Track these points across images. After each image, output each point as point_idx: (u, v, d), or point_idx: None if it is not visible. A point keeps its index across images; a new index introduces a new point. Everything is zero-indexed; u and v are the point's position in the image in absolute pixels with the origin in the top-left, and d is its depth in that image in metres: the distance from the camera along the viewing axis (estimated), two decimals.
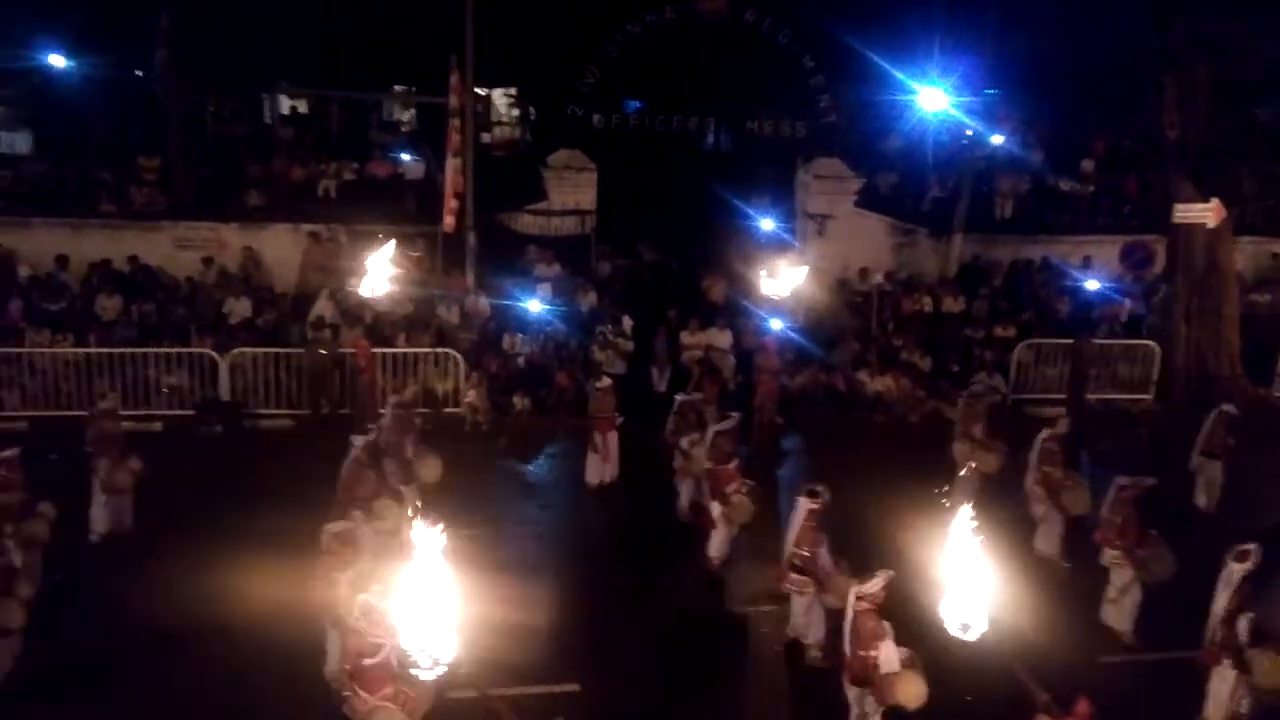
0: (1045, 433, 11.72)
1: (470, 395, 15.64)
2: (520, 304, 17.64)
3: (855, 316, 19.22)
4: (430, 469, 11.53)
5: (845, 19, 19.93)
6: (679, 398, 12.99)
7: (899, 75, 19.92)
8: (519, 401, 15.99)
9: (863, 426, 16.52)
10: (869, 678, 7.65)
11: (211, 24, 18.43)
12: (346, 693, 7.18)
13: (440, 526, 5.55)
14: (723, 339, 17.54)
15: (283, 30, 19.81)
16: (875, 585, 7.71)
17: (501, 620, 9.03)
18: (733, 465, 11.22)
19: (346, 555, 8.26)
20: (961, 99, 19.91)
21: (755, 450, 14.28)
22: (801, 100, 22.47)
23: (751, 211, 20.51)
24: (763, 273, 15.26)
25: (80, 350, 15.29)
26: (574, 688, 8.96)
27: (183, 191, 18.76)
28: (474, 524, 11.54)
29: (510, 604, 9.24)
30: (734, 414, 12.09)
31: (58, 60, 19.35)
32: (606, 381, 13.77)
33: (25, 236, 17.59)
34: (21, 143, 21.17)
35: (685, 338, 17.51)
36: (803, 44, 21.80)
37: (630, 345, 17.27)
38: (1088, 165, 22.44)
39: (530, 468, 14.60)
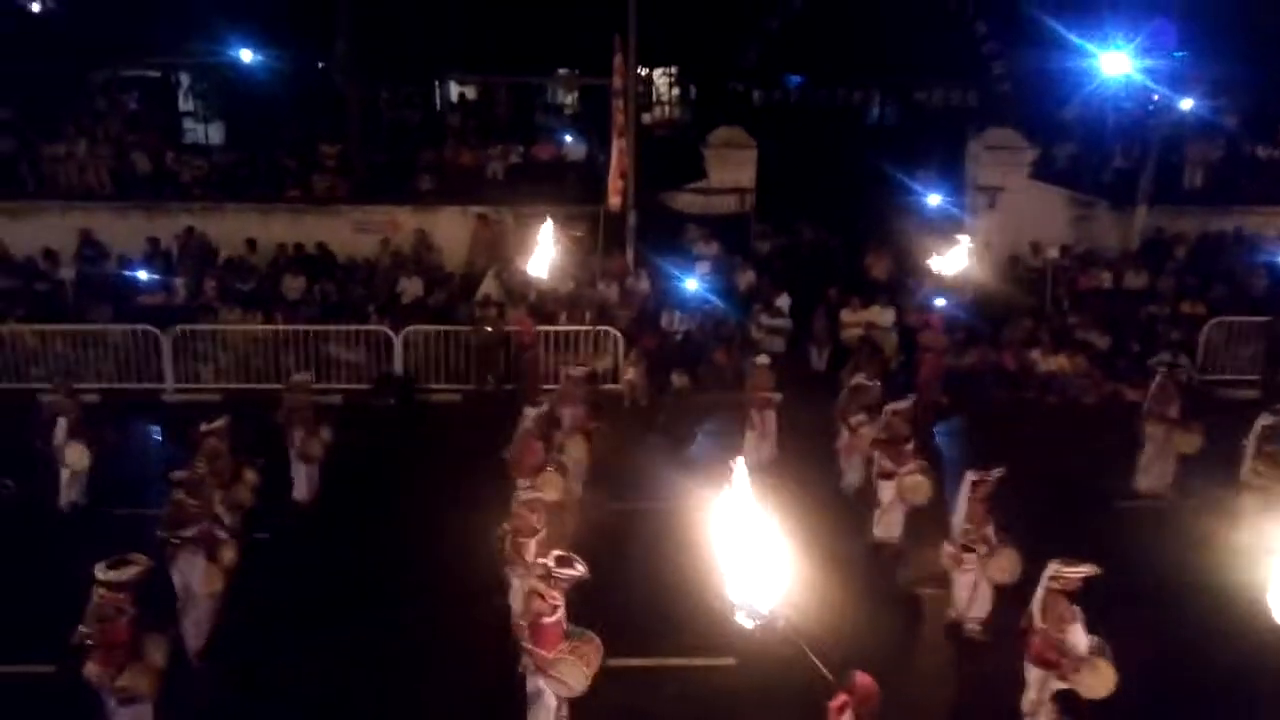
0: (1266, 418, 11.00)
1: (629, 372, 15.82)
2: (679, 282, 17.71)
3: (1028, 293, 18.40)
4: (577, 447, 11.68)
5: None
6: (858, 379, 12.75)
7: (1077, 39, 18.88)
8: (677, 379, 16.04)
9: (1034, 408, 15.82)
10: (1055, 661, 7.54)
11: (386, 16, 19.21)
12: (527, 648, 7.56)
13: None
14: (885, 317, 17.13)
15: (452, 19, 20.47)
16: (1075, 569, 7.58)
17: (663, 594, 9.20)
18: (908, 445, 11.10)
19: (534, 521, 8.75)
20: (1147, 62, 18.70)
21: (919, 430, 13.88)
22: (973, 69, 21.63)
23: (918, 186, 19.91)
24: (929, 249, 14.81)
25: (268, 327, 16.23)
26: (730, 661, 8.98)
27: (360, 177, 19.65)
28: (634, 500, 11.77)
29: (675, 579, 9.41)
30: (910, 395, 11.95)
31: (247, 55, 20.56)
32: (765, 359, 13.67)
33: (218, 221, 18.81)
34: (215, 134, 22.67)
35: (846, 316, 17.19)
36: (974, 9, 20.95)
37: (788, 324, 17.07)
38: None
39: (688, 445, 14.64)
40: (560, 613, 7.50)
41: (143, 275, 17.36)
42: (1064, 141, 21.09)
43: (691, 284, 17.58)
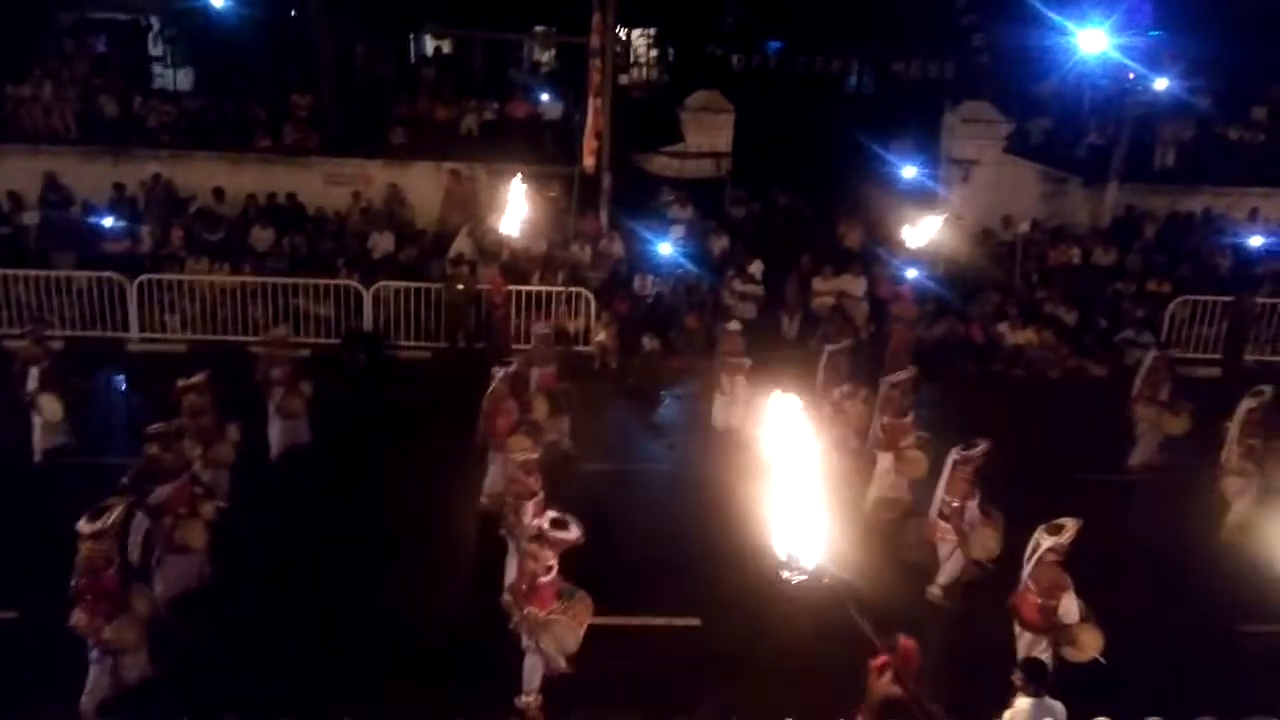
0: (1249, 401, 11.18)
1: (600, 334, 15.83)
2: (652, 245, 17.68)
3: (997, 267, 18.55)
4: (540, 405, 11.67)
5: None
6: (828, 348, 12.82)
7: (1056, 15, 18.89)
8: (648, 342, 16.06)
9: (1000, 381, 16.03)
10: (1048, 625, 7.77)
11: None
12: (518, 608, 7.73)
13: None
14: (856, 286, 17.22)
15: None
16: (1066, 536, 7.76)
17: (627, 554, 9.27)
18: (908, 418, 11.15)
19: (531, 484, 8.84)
20: (1123, 40, 18.76)
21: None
22: (951, 41, 21.61)
23: (892, 157, 19.95)
24: (902, 219, 14.87)
25: (235, 279, 16.05)
26: (695, 622, 9.10)
27: (332, 129, 19.36)
28: (604, 461, 11.82)
29: (639, 540, 9.48)
30: (911, 367, 12.05)
31: (218, 0, 20.11)
32: (736, 325, 13.74)
33: (186, 169, 18.48)
34: (184, 80, 22.19)
35: (818, 284, 17.27)
36: None
37: (760, 290, 17.12)
38: (1259, 112, 20.90)
39: (657, 408, 14.72)
40: (553, 573, 7.65)
41: (108, 222, 17.08)
42: (1039, 117, 21.14)
43: (665, 248, 17.58)
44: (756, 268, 17.42)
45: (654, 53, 27.71)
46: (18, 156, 18.06)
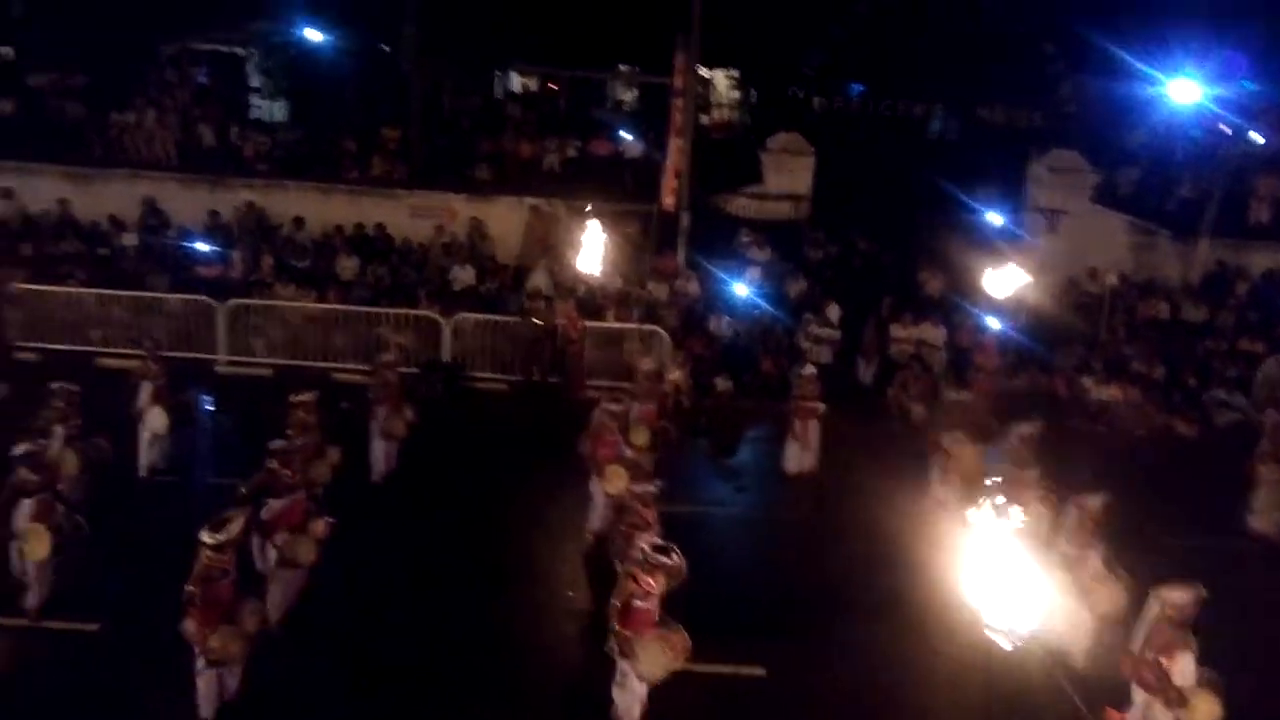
0: None
1: (674, 374, 15.79)
2: (728, 286, 17.67)
3: (1083, 319, 18.15)
4: (639, 435, 11.62)
5: (1090, 2, 18.78)
6: (950, 395, 12.60)
7: (1147, 65, 18.58)
8: (721, 383, 15.99)
9: (1083, 436, 15.61)
10: (1154, 685, 7.47)
11: (454, 3, 19.34)
12: (614, 627, 7.71)
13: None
14: (936, 334, 16.98)
15: (518, 10, 20.55)
16: (1184, 597, 7.47)
17: (691, 598, 9.18)
18: (1033, 472, 10.82)
19: (648, 516, 8.89)
20: (1216, 91, 18.36)
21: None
22: (1039, 88, 21.38)
23: (976, 204, 19.71)
24: (985, 268, 14.66)
25: (320, 306, 16.42)
26: (760, 671, 8.97)
27: (419, 162, 19.81)
28: (672, 503, 11.75)
29: (704, 584, 9.39)
30: (1037, 419, 11.75)
31: (314, 35, 20.79)
32: (811, 369, 13.62)
33: (279, 198, 19.06)
34: (279, 111, 22.93)
35: (896, 330, 17.06)
36: (1043, 29, 20.69)
37: (837, 334, 16.99)
38: None
39: (728, 450, 14.62)
40: (653, 600, 7.66)
41: (202, 247, 17.65)
42: (1128, 167, 20.77)
43: (741, 289, 17.54)
44: (833, 312, 17.29)
45: (735, 94, 27.86)
46: (120, 181, 18.81)
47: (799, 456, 13.34)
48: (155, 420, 11.86)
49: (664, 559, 7.67)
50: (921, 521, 12.05)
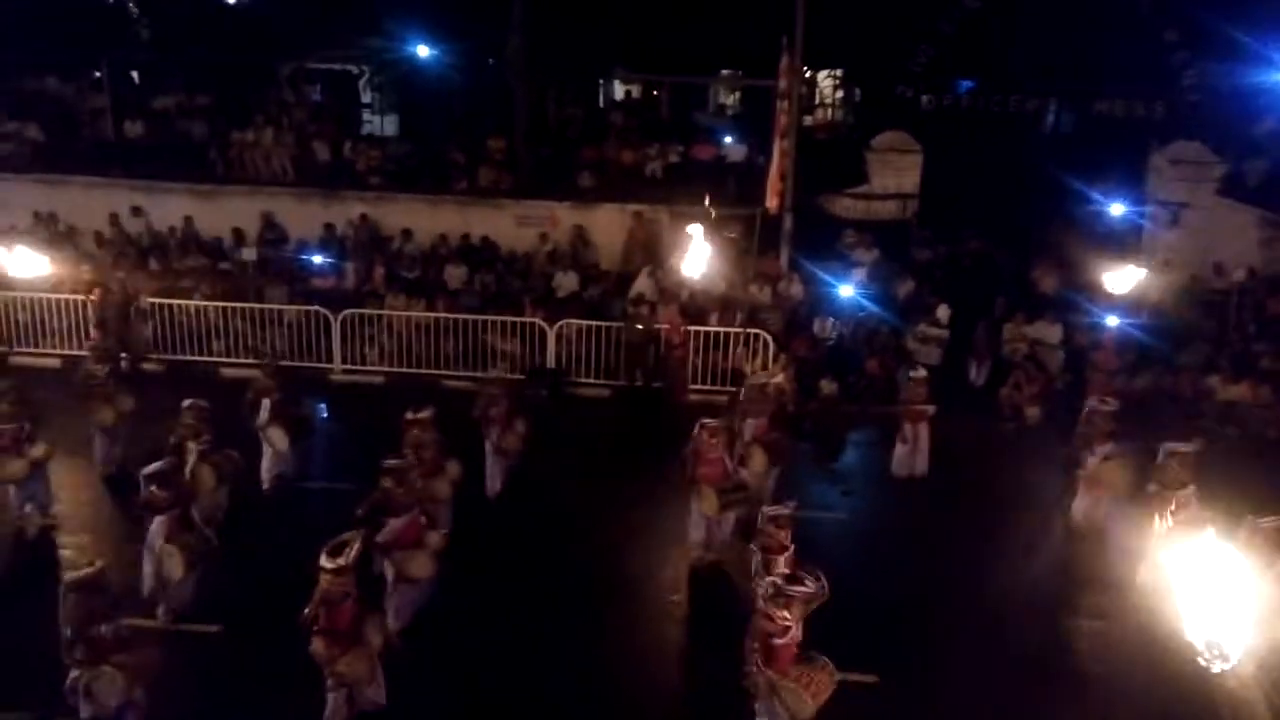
0: None
1: (778, 377, 15.63)
2: (833, 288, 17.42)
3: (1208, 316, 17.32)
4: (757, 459, 11.52)
5: None
6: (1092, 403, 11.91)
7: (1275, 50, 17.66)
8: (826, 386, 15.77)
9: (1210, 439, 14.84)
10: None
11: (558, 13, 19.57)
12: (751, 668, 7.53)
13: None
14: (1052, 334, 16.43)
15: (620, 18, 20.67)
16: None
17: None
18: (1187, 490, 10.45)
19: (782, 538, 8.67)
20: None
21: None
22: (1160, 78, 20.50)
23: (1093, 198, 19.02)
24: (1103, 265, 14.13)
25: (429, 315, 16.80)
26: (872, 679, 8.80)
27: (524, 172, 20.10)
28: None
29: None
30: (1197, 438, 11.26)
31: (423, 51, 21.30)
32: (921, 371, 13.34)
33: (390, 210, 19.56)
34: (390, 125, 23.60)
35: (1009, 330, 16.56)
36: (1165, 16, 19.84)
37: (946, 335, 16.58)
38: None
39: (833, 454, 14.40)
40: (792, 633, 7.36)
41: (317, 259, 18.25)
42: (1256, 158, 19.71)
43: (846, 290, 17.28)
44: (943, 312, 16.89)
45: (839, 93, 27.51)
46: (239, 197, 19.59)
47: (909, 460, 13.07)
48: (276, 437, 12.11)
49: (796, 590, 7.34)
50: (1041, 527, 11.70)
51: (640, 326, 16.14)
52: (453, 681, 8.83)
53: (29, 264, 15.11)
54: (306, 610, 7.69)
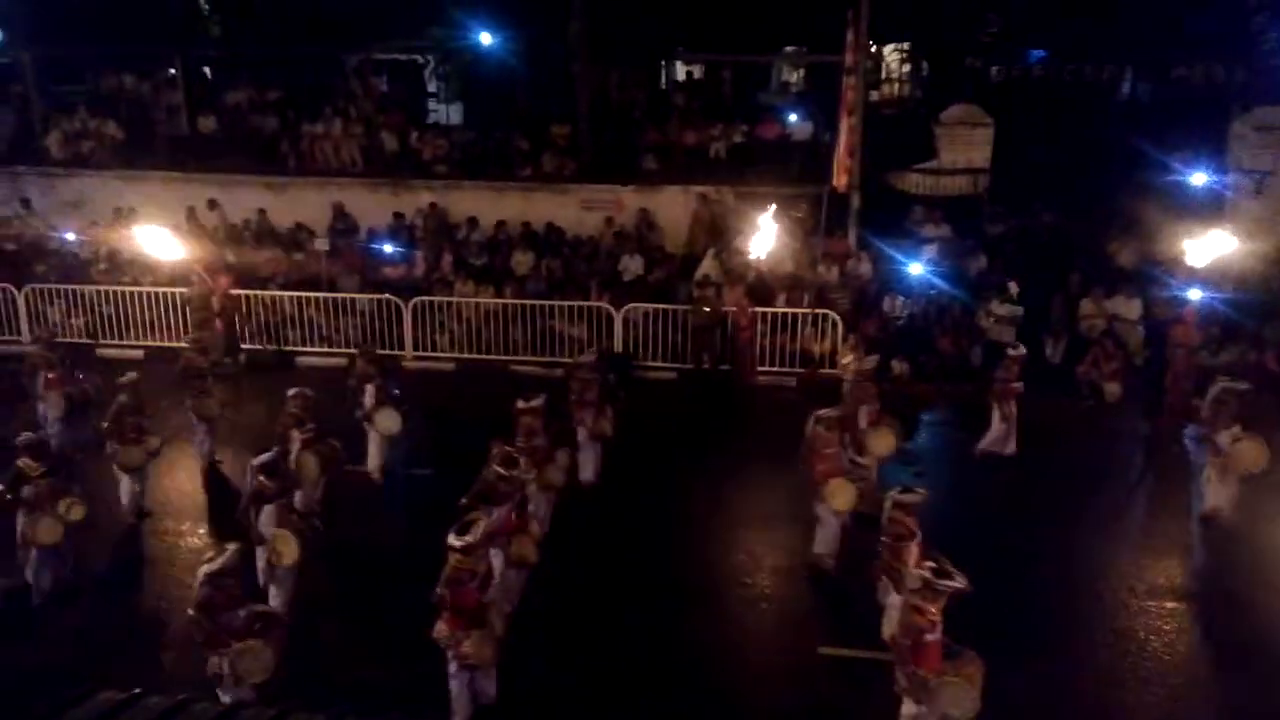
0: None
1: (847, 357, 15.47)
2: (903, 266, 17.17)
3: None
4: (883, 440, 11.35)
5: None
6: (1222, 384, 11.40)
7: None
8: (897, 365, 15.59)
9: None
10: None
11: None
12: (903, 667, 7.31)
13: None
14: (1130, 309, 16.00)
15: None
16: None
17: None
18: None
19: (911, 524, 8.51)
20: None
21: (1164, 435, 12.96)
22: (1241, 42, 19.77)
23: (1172, 168, 18.44)
24: (1183, 236, 13.69)
25: (497, 301, 16.94)
26: None
27: (587, 157, 20.13)
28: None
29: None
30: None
31: (486, 39, 21.41)
32: (1020, 349, 13.03)
33: (456, 197, 19.75)
34: (455, 114, 23.78)
35: (1086, 306, 16.16)
36: None
37: (1020, 312, 16.25)
38: None
39: (906, 434, 14.20)
40: (939, 628, 7.15)
41: (388, 248, 18.51)
42: None
43: (916, 268, 17.01)
44: (1012, 288, 16.54)
45: (906, 67, 27.04)
46: (311, 189, 19.93)
47: (1004, 440, 12.83)
48: (387, 421, 12.10)
49: (950, 583, 7.09)
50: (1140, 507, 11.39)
51: (706, 309, 16.08)
52: (556, 672, 8.80)
53: (164, 246, 15.08)
54: (436, 589, 7.68)
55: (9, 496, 9.70)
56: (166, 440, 12.12)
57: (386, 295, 16.85)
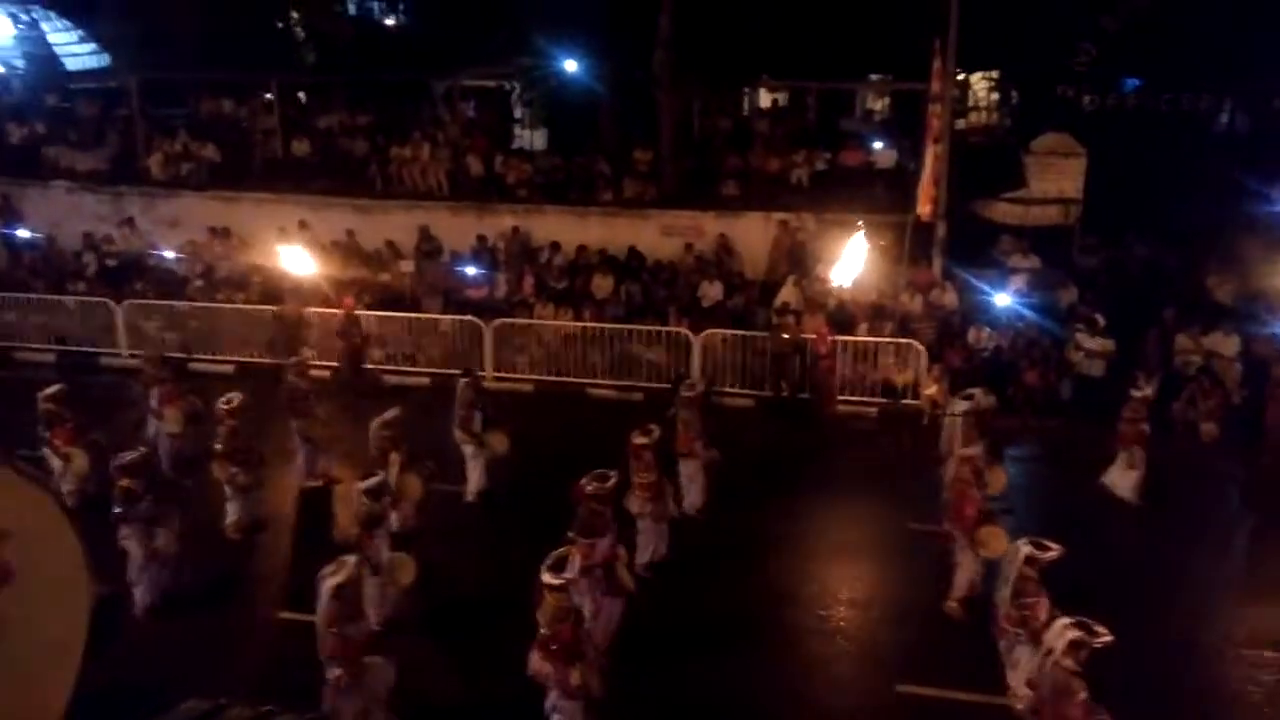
0: None
1: (930, 388, 15.20)
2: (989, 296, 16.82)
3: None
4: (997, 479, 11.12)
5: None
6: None
7: None
8: (982, 397, 15.21)
9: None
10: None
11: (703, 25, 19.57)
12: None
13: None
14: (1228, 345, 15.42)
15: (766, 24, 20.52)
16: None
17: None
18: None
19: (1037, 579, 8.28)
20: None
21: (1264, 480, 12.44)
22: None
23: (1271, 200, 17.78)
24: None
25: (577, 324, 17.02)
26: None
27: (669, 182, 20.18)
28: (928, 522, 11.28)
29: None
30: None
31: (571, 66, 21.68)
32: (1147, 390, 12.58)
33: (539, 221, 19.94)
34: (539, 140, 24.08)
35: (1182, 341, 15.63)
36: None
37: (1110, 345, 15.78)
38: None
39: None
40: (1084, 692, 6.91)
41: (471, 270, 18.76)
42: None
43: (1003, 299, 16.65)
44: (1102, 321, 16.06)
45: (994, 95, 26.62)
46: (398, 211, 20.31)
47: (1124, 480, 12.44)
48: (500, 443, 12.31)
49: (1103, 639, 6.92)
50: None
51: (786, 336, 15.94)
52: (629, 705, 8.61)
53: (300, 263, 16.07)
54: (542, 631, 7.59)
55: (120, 513, 9.96)
56: (267, 458, 12.25)
57: (469, 316, 17.06)
